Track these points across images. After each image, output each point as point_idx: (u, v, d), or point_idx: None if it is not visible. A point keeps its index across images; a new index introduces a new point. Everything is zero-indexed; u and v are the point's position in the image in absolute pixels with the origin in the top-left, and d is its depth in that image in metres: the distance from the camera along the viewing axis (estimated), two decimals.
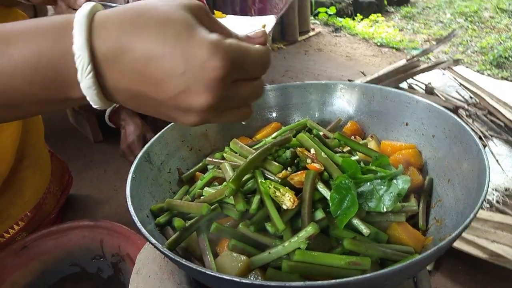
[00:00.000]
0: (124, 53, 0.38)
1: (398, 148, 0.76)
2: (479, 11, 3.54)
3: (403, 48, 2.84)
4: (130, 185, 0.64)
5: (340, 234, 0.59)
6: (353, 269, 0.54)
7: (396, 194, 0.59)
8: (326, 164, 0.64)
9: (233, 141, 0.74)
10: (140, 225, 0.55)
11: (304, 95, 0.90)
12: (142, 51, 0.38)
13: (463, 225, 0.50)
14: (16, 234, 1.13)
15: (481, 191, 0.55)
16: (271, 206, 0.58)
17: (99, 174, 1.62)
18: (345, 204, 0.57)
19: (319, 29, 3.06)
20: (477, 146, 0.63)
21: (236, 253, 0.57)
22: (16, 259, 1.00)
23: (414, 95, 0.79)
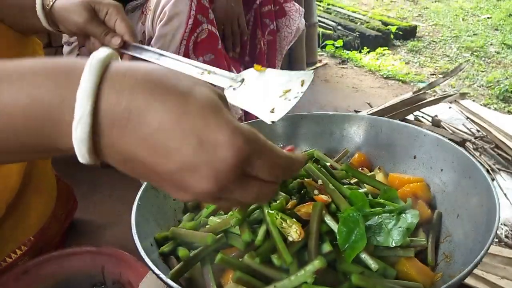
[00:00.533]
0: (134, 117, 0.35)
1: (406, 181, 0.75)
2: (485, 46, 3.58)
3: (409, 81, 2.86)
4: (136, 212, 0.64)
5: (348, 269, 0.57)
6: None
7: (405, 229, 0.58)
8: (334, 195, 0.63)
9: None
10: (144, 254, 0.55)
11: (311, 125, 0.90)
12: (157, 119, 0.35)
13: (473, 262, 0.49)
14: (19, 258, 1.11)
15: (491, 227, 0.54)
16: (278, 237, 0.57)
17: (103, 199, 1.61)
18: (353, 238, 0.56)
19: (326, 61, 3.09)
20: (486, 181, 0.62)
21: (241, 286, 0.56)
22: (17, 284, 0.98)
23: (422, 129, 0.79)
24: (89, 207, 1.56)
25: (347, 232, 0.57)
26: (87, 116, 0.34)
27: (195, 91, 0.37)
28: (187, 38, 1.18)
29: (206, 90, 0.37)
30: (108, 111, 0.35)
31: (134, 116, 0.35)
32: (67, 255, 1.05)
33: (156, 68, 0.38)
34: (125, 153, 0.36)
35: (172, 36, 1.17)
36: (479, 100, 2.66)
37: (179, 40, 1.18)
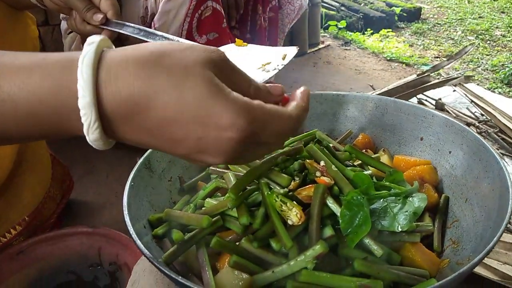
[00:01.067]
0: (137, 112, 0.36)
1: (412, 163, 0.72)
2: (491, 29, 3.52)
3: (413, 64, 2.81)
4: (128, 193, 0.60)
5: (350, 254, 0.54)
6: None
7: (412, 213, 0.55)
8: (337, 178, 0.60)
9: None
10: (136, 236, 0.52)
11: (314, 105, 0.87)
12: (158, 112, 0.36)
13: (486, 249, 0.46)
14: (13, 238, 1.09)
15: (504, 213, 0.51)
16: (277, 220, 0.54)
17: (100, 180, 1.58)
18: (357, 222, 0.53)
19: (328, 42, 3.04)
20: (499, 164, 0.59)
21: (238, 271, 0.53)
22: (12, 264, 0.97)
23: (430, 109, 0.75)
24: (86, 188, 1.54)
25: (351, 216, 0.54)
26: (95, 123, 0.36)
27: (192, 74, 0.36)
28: (191, 15, 1.14)
29: (203, 70, 0.37)
30: (113, 114, 0.36)
31: (137, 112, 0.36)
32: (63, 235, 1.04)
33: (149, 49, 0.37)
34: (139, 142, 0.39)
35: (175, 12, 1.13)
36: (483, 84, 2.62)
37: (183, 17, 1.13)
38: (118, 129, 0.37)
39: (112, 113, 0.36)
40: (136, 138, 0.38)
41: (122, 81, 0.35)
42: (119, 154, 1.66)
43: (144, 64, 0.36)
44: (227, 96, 0.37)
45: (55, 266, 1.02)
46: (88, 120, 0.35)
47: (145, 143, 0.39)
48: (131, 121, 0.37)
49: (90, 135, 0.36)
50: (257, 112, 0.38)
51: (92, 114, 0.35)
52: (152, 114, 0.36)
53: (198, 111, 0.36)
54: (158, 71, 0.36)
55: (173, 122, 0.36)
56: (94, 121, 0.35)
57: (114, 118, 0.36)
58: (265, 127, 0.39)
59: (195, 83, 0.36)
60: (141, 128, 0.37)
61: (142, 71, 0.36)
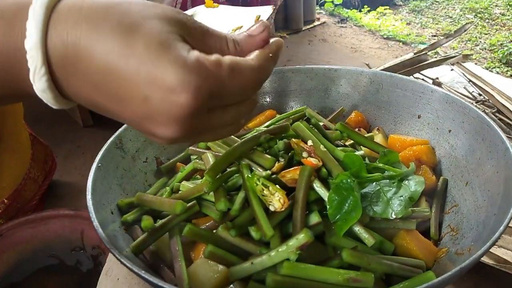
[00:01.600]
0: (81, 60, 0.32)
1: (409, 143, 0.66)
2: (490, 7, 3.44)
3: (410, 42, 2.75)
4: (94, 175, 0.54)
5: (339, 243, 0.49)
6: (353, 287, 0.44)
7: (407, 198, 0.49)
8: (325, 159, 0.54)
9: None
10: (97, 224, 0.46)
11: (304, 81, 0.80)
12: (101, 62, 0.32)
13: (492, 238, 0.40)
14: None
15: (511, 198, 0.45)
16: (257, 206, 0.49)
17: (85, 161, 1.52)
18: (346, 208, 0.48)
19: (324, 19, 2.96)
20: (504, 144, 0.53)
21: (213, 262, 0.48)
22: None
23: (429, 84, 0.69)
24: (70, 169, 1.48)
25: (339, 201, 0.48)
26: (41, 67, 0.33)
27: (143, 26, 0.32)
28: None
29: (155, 24, 0.32)
30: (59, 59, 0.33)
31: (81, 61, 0.32)
32: (44, 218, 1.00)
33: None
34: (90, 101, 0.34)
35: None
36: (481, 63, 2.57)
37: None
38: (67, 82, 0.34)
39: (58, 57, 0.33)
40: (85, 94, 0.34)
41: (71, 25, 0.32)
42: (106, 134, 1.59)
43: (98, 10, 0.33)
44: (178, 51, 0.31)
45: (36, 250, 0.98)
46: (34, 63, 0.32)
47: (94, 102, 0.34)
48: (77, 70, 0.33)
49: (36, 82, 0.33)
50: (210, 68, 0.32)
51: (38, 56, 0.32)
52: (95, 62, 0.32)
53: (143, 65, 0.31)
54: (109, 18, 0.32)
55: (117, 74, 0.31)
56: (41, 66, 0.32)
57: (61, 65, 0.33)
58: (224, 84, 0.33)
59: (144, 35, 0.31)
60: (87, 80, 0.33)
61: (94, 16, 0.32)
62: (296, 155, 0.55)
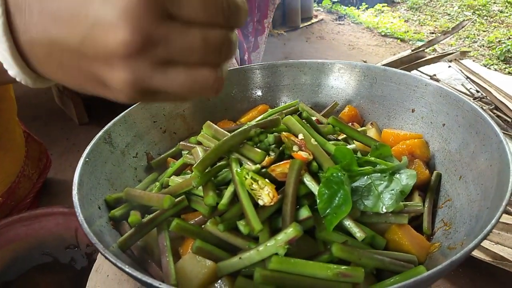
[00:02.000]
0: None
1: (402, 137, 0.65)
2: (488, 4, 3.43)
3: (408, 39, 2.74)
4: (81, 170, 0.53)
5: (329, 237, 0.48)
6: (342, 282, 0.43)
7: (398, 192, 0.48)
8: (316, 152, 0.53)
9: (206, 124, 0.63)
10: (82, 219, 0.45)
11: (297, 75, 0.79)
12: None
13: (483, 232, 0.39)
14: None
15: (503, 192, 0.44)
16: (246, 200, 0.48)
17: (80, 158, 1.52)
18: (336, 202, 0.47)
19: (322, 16, 2.95)
20: (498, 137, 0.52)
21: (201, 257, 0.47)
22: None
23: (422, 78, 0.68)
24: (65, 167, 1.48)
25: (329, 195, 0.47)
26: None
27: None
28: None
29: None
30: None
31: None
32: (38, 216, 1.00)
33: None
34: (42, 40, 0.31)
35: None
36: (479, 60, 2.56)
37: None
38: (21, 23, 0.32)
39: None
40: (37, 32, 0.31)
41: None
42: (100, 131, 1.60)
43: None
44: None
45: (30, 248, 0.98)
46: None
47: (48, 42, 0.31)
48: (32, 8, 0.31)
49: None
50: None
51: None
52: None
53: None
54: None
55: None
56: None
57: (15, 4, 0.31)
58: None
59: None
60: (41, 13, 0.31)
61: None
62: (287, 149, 0.54)
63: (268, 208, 0.48)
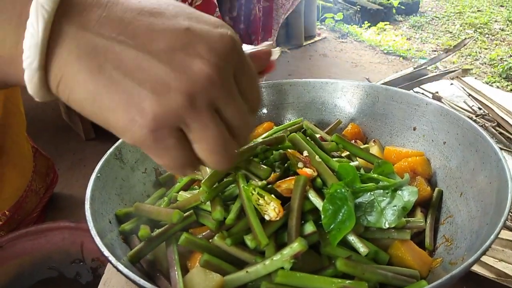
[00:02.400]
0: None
1: (404, 155, 0.67)
2: (489, 22, 3.47)
3: (410, 57, 2.77)
4: (93, 185, 0.55)
5: (333, 252, 0.50)
6: None
7: (400, 208, 0.50)
8: (320, 169, 0.55)
9: None
10: (95, 232, 0.47)
11: (301, 93, 0.82)
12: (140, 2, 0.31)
13: (482, 248, 0.41)
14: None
15: (502, 208, 0.46)
16: (253, 215, 0.49)
17: (87, 173, 1.53)
18: (340, 217, 0.48)
19: (325, 35, 2.99)
20: (497, 155, 0.54)
21: (209, 270, 0.48)
22: None
23: (423, 97, 0.70)
24: (71, 182, 1.50)
25: (334, 210, 0.49)
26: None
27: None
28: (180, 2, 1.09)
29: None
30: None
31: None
32: (44, 230, 1.01)
33: None
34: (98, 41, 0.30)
35: None
36: (481, 78, 2.58)
37: None
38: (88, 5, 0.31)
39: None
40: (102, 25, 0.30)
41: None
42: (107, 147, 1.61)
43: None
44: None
45: (36, 262, 0.99)
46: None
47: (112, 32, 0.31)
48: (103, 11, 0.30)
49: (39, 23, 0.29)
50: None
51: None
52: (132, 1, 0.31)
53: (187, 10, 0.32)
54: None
55: (156, 9, 0.31)
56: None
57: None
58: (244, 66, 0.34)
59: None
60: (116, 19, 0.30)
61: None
62: (292, 165, 0.56)
63: (274, 223, 0.49)
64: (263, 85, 0.82)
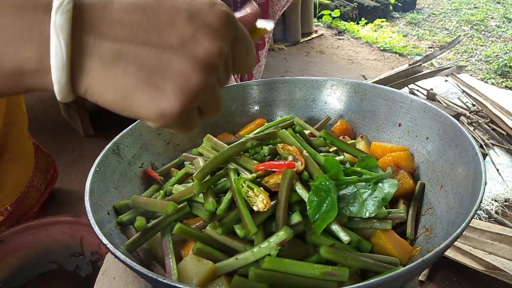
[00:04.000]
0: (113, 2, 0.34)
1: (389, 150, 0.70)
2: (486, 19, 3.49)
3: (406, 54, 2.79)
4: (92, 179, 0.58)
5: (318, 241, 0.53)
6: (328, 280, 0.48)
7: (380, 199, 0.53)
8: (307, 163, 0.58)
9: (206, 137, 0.68)
10: (94, 222, 0.50)
11: (292, 91, 0.85)
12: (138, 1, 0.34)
13: (453, 235, 0.44)
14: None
15: (475, 199, 0.49)
16: (243, 206, 0.53)
17: (85, 169, 1.57)
18: (324, 208, 0.52)
19: (322, 32, 3.01)
20: (474, 149, 0.57)
21: (201, 258, 0.52)
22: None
23: (408, 94, 0.73)
24: (71, 177, 1.53)
25: (318, 201, 0.52)
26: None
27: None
28: None
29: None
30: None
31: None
32: (45, 225, 1.03)
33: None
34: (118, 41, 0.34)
35: None
36: (476, 75, 2.60)
37: None
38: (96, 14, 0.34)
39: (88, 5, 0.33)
40: (115, 32, 0.34)
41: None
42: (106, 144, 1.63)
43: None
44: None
45: (37, 256, 1.01)
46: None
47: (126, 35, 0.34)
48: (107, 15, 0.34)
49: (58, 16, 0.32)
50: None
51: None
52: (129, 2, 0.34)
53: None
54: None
55: (156, 8, 0.34)
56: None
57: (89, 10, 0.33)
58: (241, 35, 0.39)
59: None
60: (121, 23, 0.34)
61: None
62: (283, 158, 0.59)
63: (263, 213, 0.53)
64: (256, 83, 0.85)
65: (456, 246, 1.04)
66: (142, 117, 0.36)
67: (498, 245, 1.13)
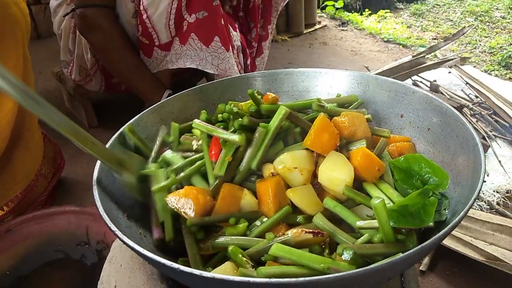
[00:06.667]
0: None
1: (392, 140, 0.71)
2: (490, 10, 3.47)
3: (410, 45, 2.78)
4: (99, 168, 0.60)
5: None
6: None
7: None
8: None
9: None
10: (102, 210, 0.51)
11: (296, 82, 0.85)
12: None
13: (451, 223, 0.45)
14: (4, 215, 1.10)
15: (475, 188, 0.50)
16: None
17: (90, 160, 1.59)
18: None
19: (325, 23, 3.00)
20: (474, 140, 0.58)
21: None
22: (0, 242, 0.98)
23: (410, 86, 0.74)
24: (77, 167, 1.55)
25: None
26: None
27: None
28: None
29: None
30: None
31: None
32: (51, 214, 1.05)
33: None
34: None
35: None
36: (480, 66, 2.60)
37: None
38: None
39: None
40: None
41: None
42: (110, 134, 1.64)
43: None
44: None
45: (43, 244, 1.03)
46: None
47: None
48: None
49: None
50: None
51: None
52: None
53: None
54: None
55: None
56: None
57: None
58: None
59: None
60: None
61: None
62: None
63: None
64: (260, 75, 0.86)
65: (457, 236, 1.05)
66: None
67: (499, 235, 1.14)
